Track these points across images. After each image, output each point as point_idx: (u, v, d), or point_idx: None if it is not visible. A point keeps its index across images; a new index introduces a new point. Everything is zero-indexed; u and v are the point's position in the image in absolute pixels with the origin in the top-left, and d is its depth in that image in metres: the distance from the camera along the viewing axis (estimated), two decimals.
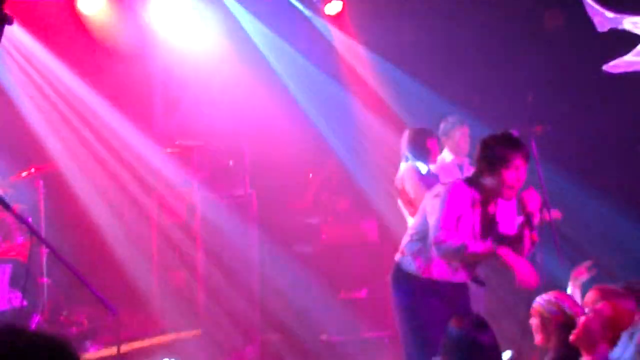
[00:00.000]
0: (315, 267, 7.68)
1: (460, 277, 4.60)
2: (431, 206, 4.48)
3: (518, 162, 4.32)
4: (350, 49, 8.38)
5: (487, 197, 4.43)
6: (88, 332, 6.33)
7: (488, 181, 4.39)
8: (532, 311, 4.03)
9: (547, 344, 3.98)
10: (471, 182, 4.46)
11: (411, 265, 4.58)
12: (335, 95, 8.41)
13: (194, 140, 7.25)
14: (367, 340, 7.16)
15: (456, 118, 6.56)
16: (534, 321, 4.02)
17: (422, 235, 4.57)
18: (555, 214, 5.93)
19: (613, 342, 3.58)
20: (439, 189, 4.55)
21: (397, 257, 4.70)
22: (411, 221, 5.70)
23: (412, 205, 5.93)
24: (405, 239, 4.71)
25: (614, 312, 3.60)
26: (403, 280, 4.63)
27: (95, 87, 7.58)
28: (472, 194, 4.41)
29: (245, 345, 7.14)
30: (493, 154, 4.35)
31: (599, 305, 3.65)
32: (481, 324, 3.57)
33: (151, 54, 8.09)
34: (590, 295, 3.77)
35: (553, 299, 4.01)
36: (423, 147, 6.11)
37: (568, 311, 3.94)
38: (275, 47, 8.15)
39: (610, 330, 3.59)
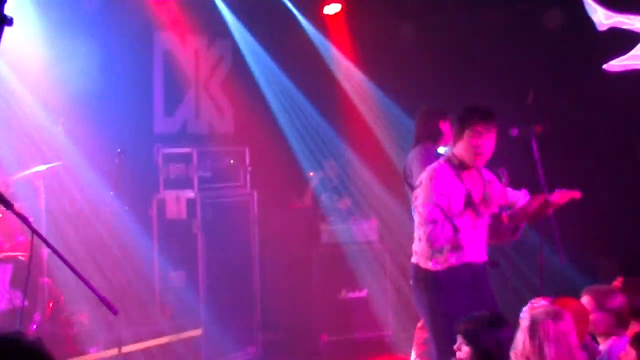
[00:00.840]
0: (315, 267, 7.68)
1: (477, 254, 4.62)
2: (417, 198, 4.59)
3: (479, 128, 4.58)
4: (344, 50, 8.40)
5: (462, 167, 4.62)
6: (89, 332, 6.32)
7: (458, 150, 4.61)
8: (520, 323, 4.03)
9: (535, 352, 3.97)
10: (447, 158, 4.65)
11: (427, 263, 4.61)
12: (335, 95, 8.42)
13: (194, 140, 7.25)
14: (367, 340, 7.16)
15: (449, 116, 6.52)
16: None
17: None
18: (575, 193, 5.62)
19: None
20: (421, 177, 4.63)
21: (413, 259, 4.73)
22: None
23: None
24: (415, 242, 4.71)
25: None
26: (422, 279, 4.66)
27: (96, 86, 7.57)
28: (452, 168, 4.59)
29: (245, 345, 7.14)
30: (459, 123, 4.64)
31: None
32: (497, 320, 3.55)
33: (152, 54, 8.08)
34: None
35: (533, 305, 4.04)
36: (435, 128, 5.95)
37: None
38: (275, 47, 8.15)
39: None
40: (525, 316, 4.00)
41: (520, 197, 5.59)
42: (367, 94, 8.40)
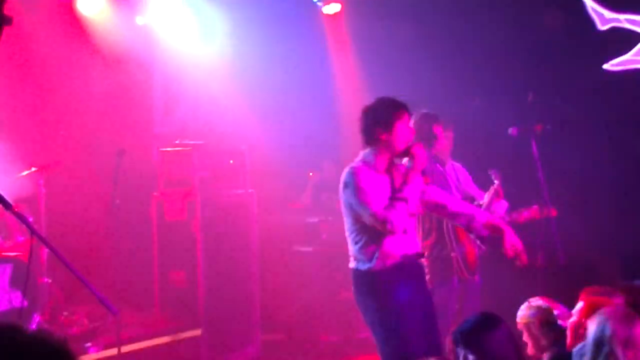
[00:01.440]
0: (315, 267, 7.68)
1: (412, 246, 4.64)
2: (346, 199, 4.56)
3: (406, 118, 4.62)
4: (345, 51, 8.40)
5: (386, 161, 4.61)
6: (88, 333, 6.32)
7: (382, 145, 4.58)
8: (517, 326, 4.01)
9: (539, 351, 3.96)
10: (366, 155, 4.62)
11: (365, 264, 4.57)
12: (334, 94, 8.42)
13: (194, 140, 7.25)
14: (367, 340, 7.15)
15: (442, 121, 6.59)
16: (522, 333, 4.00)
17: (359, 232, 4.58)
18: (552, 211, 5.89)
19: None
20: (344, 179, 4.59)
21: (351, 265, 4.67)
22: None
23: None
24: (350, 247, 4.67)
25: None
26: (363, 281, 4.60)
27: (95, 86, 7.59)
28: (370, 164, 4.58)
29: (245, 345, 7.14)
30: (380, 117, 4.59)
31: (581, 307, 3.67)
32: (491, 319, 3.50)
33: (151, 54, 8.09)
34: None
35: (528, 303, 4.02)
36: (429, 132, 5.95)
37: (545, 307, 3.94)
38: (274, 47, 8.15)
39: None
40: (522, 314, 4.00)
41: (481, 196, 5.69)
42: (366, 92, 8.40)
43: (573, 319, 3.71)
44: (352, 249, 4.65)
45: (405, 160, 4.69)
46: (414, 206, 4.62)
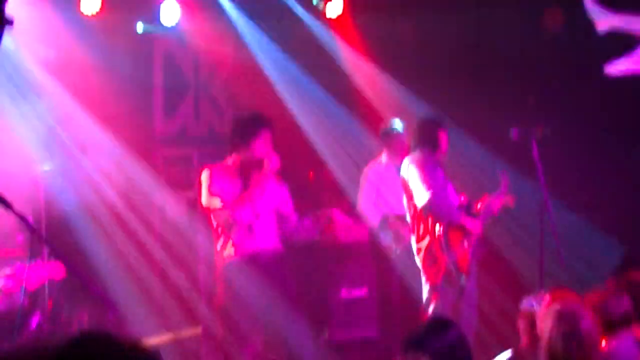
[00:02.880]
0: (315, 267, 7.67)
1: (265, 243, 5.50)
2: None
3: (266, 134, 5.54)
4: (348, 54, 8.38)
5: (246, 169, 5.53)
6: None
7: (245, 155, 5.51)
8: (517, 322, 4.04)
9: (532, 343, 3.97)
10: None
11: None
12: (334, 94, 8.42)
13: (194, 141, 7.25)
14: (367, 340, 7.15)
15: (396, 125, 6.66)
16: (520, 325, 4.02)
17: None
18: (509, 199, 5.97)
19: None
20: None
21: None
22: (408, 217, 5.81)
23: (410, 198, 5.92)
24: None
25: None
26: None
27: (96, 85, 7.58)
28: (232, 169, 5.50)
29: (245, 345, 7.13)
30: (243, 131, 5.55)
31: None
32: (442, 324, 3.47)
33: (151, 54, 8.09)
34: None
35: (528, 296, 4.05)
36: (432, 137, 6.01)
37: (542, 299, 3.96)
38: (274, 47, 8.15)
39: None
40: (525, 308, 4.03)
41: None
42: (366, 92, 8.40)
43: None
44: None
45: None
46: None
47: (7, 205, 3.68)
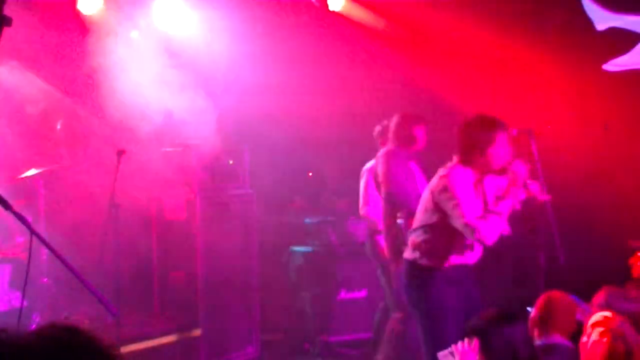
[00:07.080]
0: (315, 267, 7.67)
1: (471, 257, 4.86)
2: (441, 201, 4.69)
3: (500, 137, 4.75)
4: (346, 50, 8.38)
5: (481, 175, 4.81)
6: None
7: (480, 162, 4.74)
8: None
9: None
10: (465, 163, 4.76)
11: (423, 259, 4.77)
12: (333, 95, 8.42)
13: (193, 141, 7.24)
14: (367, 340, 7.15)
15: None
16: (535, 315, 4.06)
17: (427, 229, 4.77)
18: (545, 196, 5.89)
19: None
20: (442, 182, 4.73)
21: (407, 254, 4.81)
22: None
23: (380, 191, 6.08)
24: (411, 236, 4.87)
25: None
26: (418, 274, 4.81)
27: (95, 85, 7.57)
28: (471, 174, 4.76)
29: (245, 345, 7.14)
30: (478, 137, 4.72)
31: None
32: (508, 316, 3.50)
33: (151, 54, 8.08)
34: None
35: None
36: (409, 133, 6.11)
37: None
38: (273, 46, 8.15)
39: None
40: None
41: None
42: (365, 92, 8.40)
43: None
44: (412, 238, 4.89)
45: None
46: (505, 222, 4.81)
47: (7, 205, 3.67)
